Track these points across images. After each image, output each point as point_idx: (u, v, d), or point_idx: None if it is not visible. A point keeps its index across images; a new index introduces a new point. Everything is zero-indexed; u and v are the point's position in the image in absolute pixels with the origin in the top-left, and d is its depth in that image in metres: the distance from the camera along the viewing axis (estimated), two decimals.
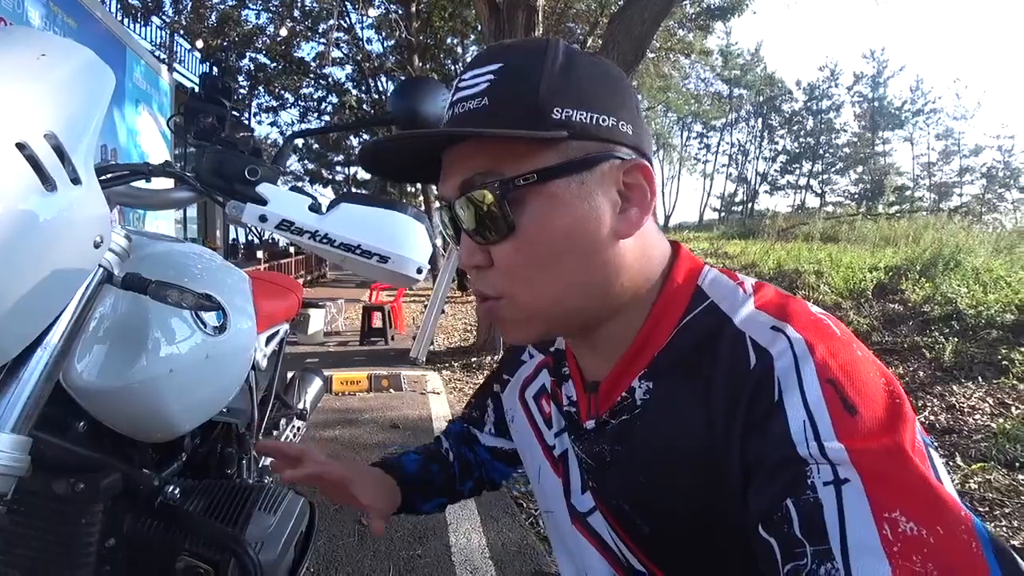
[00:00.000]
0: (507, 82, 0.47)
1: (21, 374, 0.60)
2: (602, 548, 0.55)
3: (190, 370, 0.92)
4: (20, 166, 0.53)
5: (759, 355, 0.43)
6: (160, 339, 0.87)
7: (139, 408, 0.84)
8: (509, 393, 0.72)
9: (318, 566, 1.89)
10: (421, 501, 0.79)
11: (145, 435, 0.90)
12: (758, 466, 0.41)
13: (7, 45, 0.59)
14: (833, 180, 39.22)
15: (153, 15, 10.56)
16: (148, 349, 0.84)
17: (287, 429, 2.09)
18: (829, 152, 38.29)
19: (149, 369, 0.83)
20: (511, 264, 0.48)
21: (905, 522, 0.33)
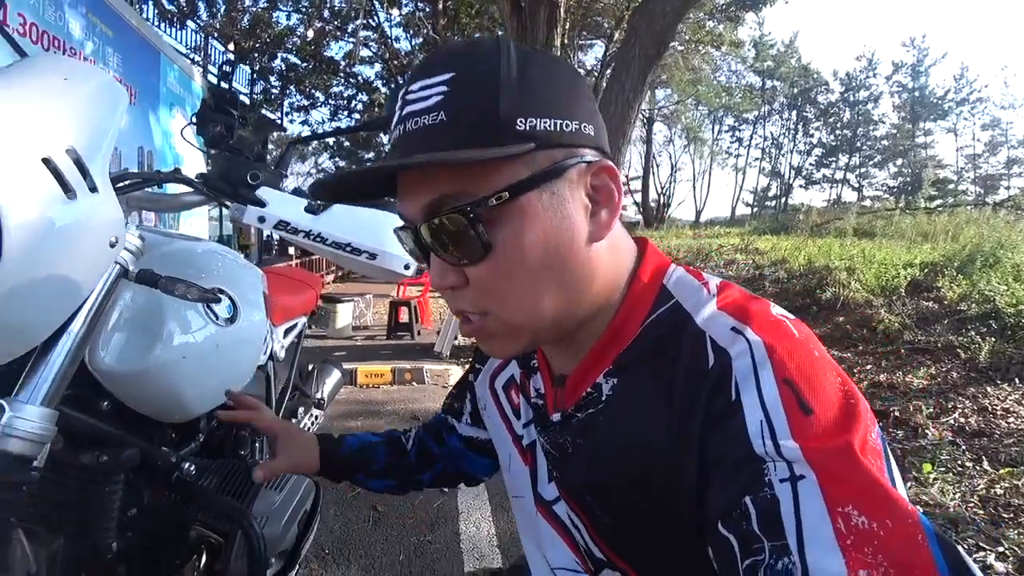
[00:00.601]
0: (464, 94, 0.44)
1: (49, 356, 0.69)
2: (565, 535, 0.57)
3: (202, 357, 1.00)
4: (45, 178, 0.62)
5: (718, 355, 0.44)
6: (174, 329, 0.96)
7: (156, 390, 0.93)
8: (480, 382, 0.74)
9: (333, 548, 1.99)
10: (363, 477, 0.87)
11: (162, 415, 0.99)
12: (717, 465, 0.41)
13: (35, 71, 0.68)
14: (871, 174, 37.75)
15: (188, 19, 10.95)
16: (163, 337, 0.93)
17: (305, 417, 2.20)
18: (867, 145, 36.80)
19: (164, 355, 0.92)
20: (489, 283, 0.47)
21: (857, 516, 0.34)
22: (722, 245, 9.47)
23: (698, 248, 9.55)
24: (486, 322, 0.49)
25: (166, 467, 0.98)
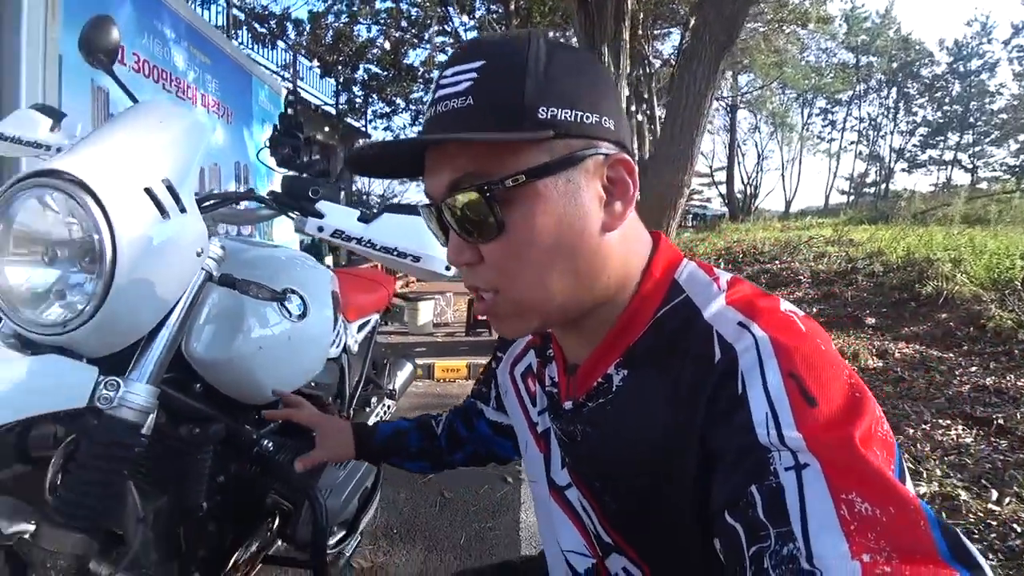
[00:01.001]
0: (491, 81, 0.47)
1: (152, 344, 0.85)
2: (575, 519, 0.59)
3: (276, 349, 1.15)
4: (147, 204, 0.78)
5: (724, 350, 0.45)
6: (253, 324, 1.11)
7: (238, 376, 1.09)
8: (501, 369, 0.77)
9: (400, 528, 2.15)
10: (398, 460, 0.95)
11: (245, 397, 1.16)
12: (722, 455, 0.42)
13: (138, 115, 0.85)
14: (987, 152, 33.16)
15: (278, 40, 11.83)
16: (244, 331, 1.08)
17: (378, 407, 2.37)
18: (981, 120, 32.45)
19: (244, 346, 1.07)
20: (501, 262, 0.49)
21: (860, 503, 0.34)
22: (812, 237, 8.88)
23: (786, 241, 9.01)
24: (497, 300, 0.51)
25: (248, 442, 1.15)
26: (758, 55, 14.59)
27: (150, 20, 2.99)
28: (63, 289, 0.77)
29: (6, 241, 0.76)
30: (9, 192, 0.75)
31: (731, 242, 9.94)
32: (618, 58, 5.99)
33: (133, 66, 2.83)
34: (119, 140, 0.80)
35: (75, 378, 0.75)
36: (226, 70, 3.89)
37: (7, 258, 0.76)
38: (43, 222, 0.76)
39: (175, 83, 3.23)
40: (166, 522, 0.99)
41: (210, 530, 1.09)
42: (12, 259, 0.77)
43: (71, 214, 0.75)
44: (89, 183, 0.73)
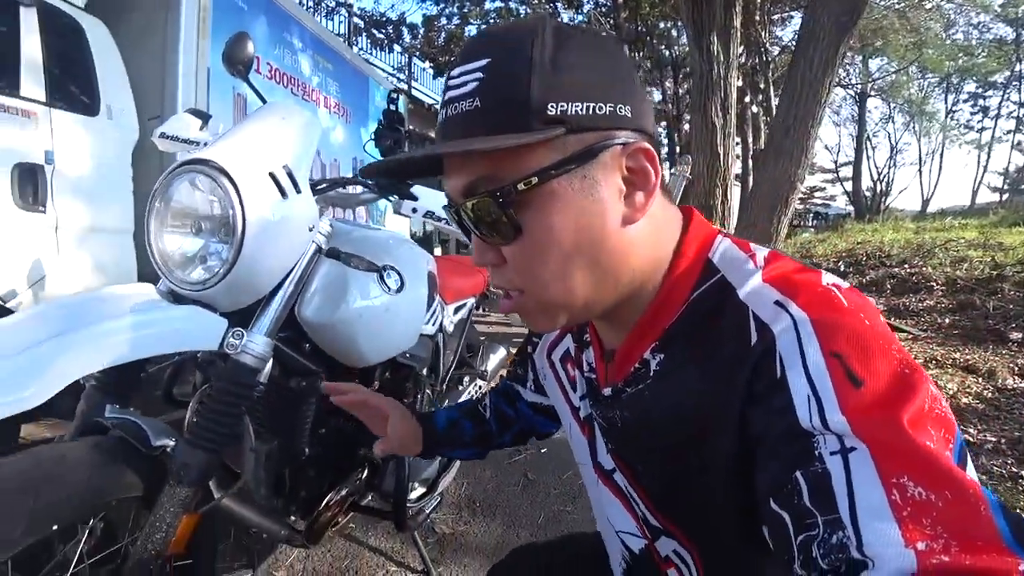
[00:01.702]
0: (496, 80, 0.45)
1: (271, 303, 1.01)
2: (625, 502, 0.59)
3: (374, 317, 1.28)
4: (269, 186, 0.94)
5: (761, 332, 0.43)
6: (356, 294, 1.23)
7: (340, 339, 1.23)
8: (539, 354, 0.77)
9: (483, 503, 2.26)
10: (455, 450, 0.93)
11: (345, 359, 1.30)
12: (763, 440, 0.41)
13: (265, 114, 1.02)
14: None
15: (395, 44, 12.58)
16: (347, 300, 1.21)
17: (469, 386, 2.51)
18: None
19: (346, 313, 1.20)
20: (522, 263, 0.48)
21: (913, 487, 0.32)
22: (951, 239, 7.90)
23: (918, 243, 8.09)
24: (522, 299, 0.50)
25: None
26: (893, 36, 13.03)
27: (280, 33, 3.37)
28: (205, 255, 0.95)
29: (166, 215, 0.95)
30: (169, 176, 0.94)
31: (854, 244, 9.10)
32: (728, 46, 5.73)
33: (267, 74, 3.21)
34: (250, 134, 0.96)
35: (210, 327, 0.93)
36: (346, 74, 4.27)
37: (167, 229, 0.95)
38: (193, 200, 0.94)
39: (301, 87, 3.61)
40: (275, 462, 1.16)
41: (310, 474, 1.25)
42: (169, 229, 0.95)
43: (213, 193, 0.92)
44: (227, 168, 0.90)
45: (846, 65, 16.10)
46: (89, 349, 0.79)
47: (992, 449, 2.68)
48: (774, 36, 14.53)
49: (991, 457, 2.60)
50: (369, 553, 1.78)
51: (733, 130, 6.04)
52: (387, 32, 12.80)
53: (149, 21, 2.57)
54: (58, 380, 0.73)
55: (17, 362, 0.72)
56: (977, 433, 2.86)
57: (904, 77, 19.02)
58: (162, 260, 0.95)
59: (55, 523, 0.78)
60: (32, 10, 2.13)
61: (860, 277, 7.26)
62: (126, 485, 0.88)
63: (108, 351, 0.80)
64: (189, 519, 0.93)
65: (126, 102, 2.47)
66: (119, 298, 0.91)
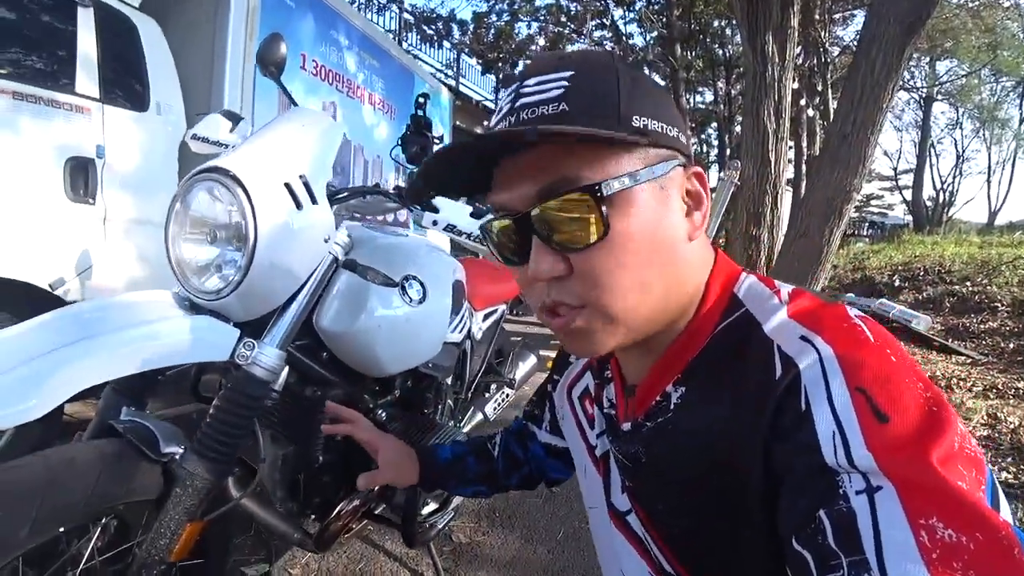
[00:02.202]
0: (586, 88, 0.46)
1: (284, 315, 1.00)
2: (638, 546, 0.57)
3: (394, 328, 1.27)
4: (285, 197, 0.92)
5: (785, 366, 0.42)
6: (376, 304, 1.23)
7: (358, 349, 1.22)
8: (559, 393, 0.75)
9: (503, 513, 2.24)
10: (455, 484, 0.92)
11: (363, 369, 1.29)
12: (786, 477, 0.40)
13: (285, 122, 1.01)
14: None
15: (444, 40, 12.67)
16: (366, 309, 1.20)
17: (496, 393, 2.48)
18: None
19: (365, 323, 1.19)
20: (597, 270, 0.46)
21: (943, 529, 0.31)
22: (1021, 256, 7.40)
23: (983, 259, 7.61)
24: (582, 315, 0.48)
25: (364, 409, 1.29)
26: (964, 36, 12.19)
27: (327, 30, 3.43)
28: (220, 263, 0.95)
29: (184, 222, 0.95)
30: (188, 183, 0.94)
31: (911, 257, 8.64)
32: (784, 47, 5.50)
33: (312, 71, 3.27)
34: (268, 142, 0.95)
35: (221, 337, 0.92)
36: (391, 71, 4.31)
37: (184, 236, 0.95)
38: (210, 208, 0.94)
39: (347, 84, 3.66)
40: (291, 467, 1.16)
41: (324, 480, 1.24)
42: (188, 237, 0.95)
43: (229, 203, 0.91)
44: (242, 178, 0.89)
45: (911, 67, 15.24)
46: (100, 359, 0.79)
47: None
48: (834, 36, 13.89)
49: None
50: (384, 557, 1.78)
51: (786, 135, 5.79)
52: (437, 28, 12.90)
53: (199, 19, 2.64)
54: (63, 391, 0.73)
55: (24, 372, 0.72)
56: None
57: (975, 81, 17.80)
58: (179, 267, 0.95)
59: (60, 525, 0.79)
60: (89, 10, 2.21)
61: (916, 293, 6.87)
62: (134, 489, 0.88)
63: (119, 362, 0.81)
64: (194, 526, 0.93)
65: (175, 98, 2.54)
66: (135, 306, 0.92)
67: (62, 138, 2.11)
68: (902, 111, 24.31)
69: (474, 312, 1.99)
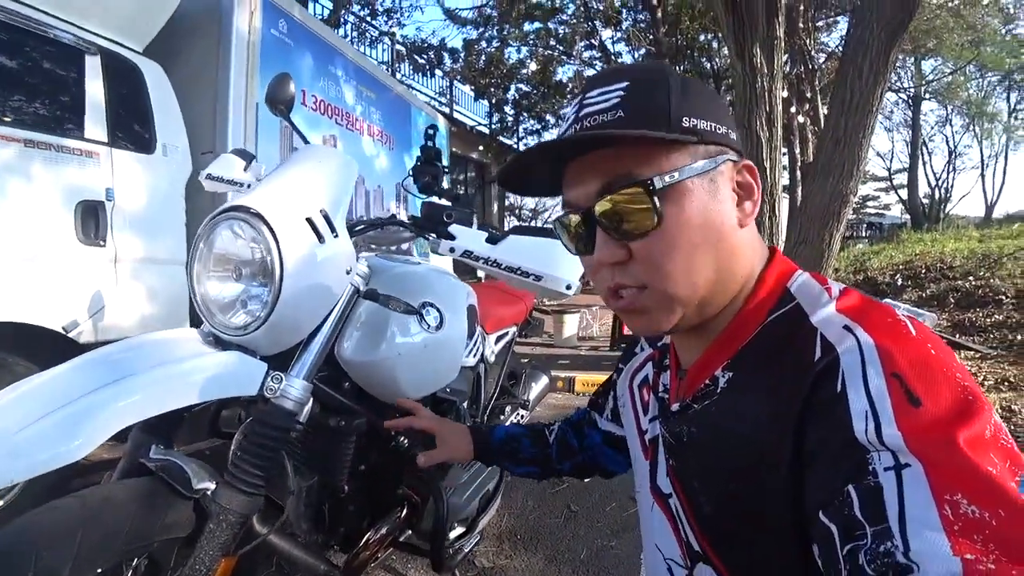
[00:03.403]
0: (640, 96, 0.52)
1: (309, 346, 1.02)
2: (674, 525, 0.60)
3: (413, 355, 1.28)
4: (307, 231, 0.95)
5: (825, 350, 0.45)
6: (395, 332, 1.25)
7: (379, 377, 1.23)
8: (622, 381, 0.80)
9: (524, 535, 2.22)
10: (510, 464, 0.99)
11: (386, 397, 1.29)
12: (817, 453, 0.42)
13: (302, 159, 1.03)
14: None
15: (436, 68, 12.87)
16: (386, 338, 1.22)
17: (511, 415, 2.48)
18: None
19: (386, 351, 1.21)
20: (655, 255, 0.51)
21: (967, 505, 0.33)
22: (1022, 247, 7.41)
23: (984, 253, 7.61)
24: (642, 296, 0.53)
25: (386, 437, 1.29)
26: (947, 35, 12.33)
27: (325, 66, 3.50)
28: (246, 299, 0.96)
29: (208, 260, 0.97)
30: (212, 222, 0.96)
31: (912, 255, 8.64)
32: (771, 57, 5.58)
33: (312, 106, 3.33)
34: (288, 180, 0.98)
35: (250, 372, 0.94)
36: (389, 102, 4.39)
37: (209, 274, 0.97)
38: (234, 246, 0.96)
39: (346, 117, 3.72)
40: (316, 498, 1.16)
41: (350, 510, 1.24)
42: (212, 274, 0.97)
43: (253, 240, 0.93)
44: (266, 216, 0.91)
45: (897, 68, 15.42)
46: (136, 399, 0.81)
47: None
48: (819, 43, 14.09)
49: None
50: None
51: (779, 143, 5.85)
52: (428, 58, 13.10)
53: (202, 61, 2.70)
54: (103, 431, 0.75)
55: (64, 414, 0.74)
56: None
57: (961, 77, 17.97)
58: (205, 305, 0.97)
59: (99, 566, 0.79)
60: (96, 57, 2.26)
61: (920, 291, 6.86)
62: (168, 527, 0.89)
63: (154, 401, 0.82)
64: (228, 562, 0.93)
65: (180, 139, 2.59)
66: (164, 344, 0.93)
67: (72, 182, 2.15)
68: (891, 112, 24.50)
69: (486, 336, 2.00)
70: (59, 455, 0.70)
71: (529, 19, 13.46)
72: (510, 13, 12.89)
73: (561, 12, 13.55)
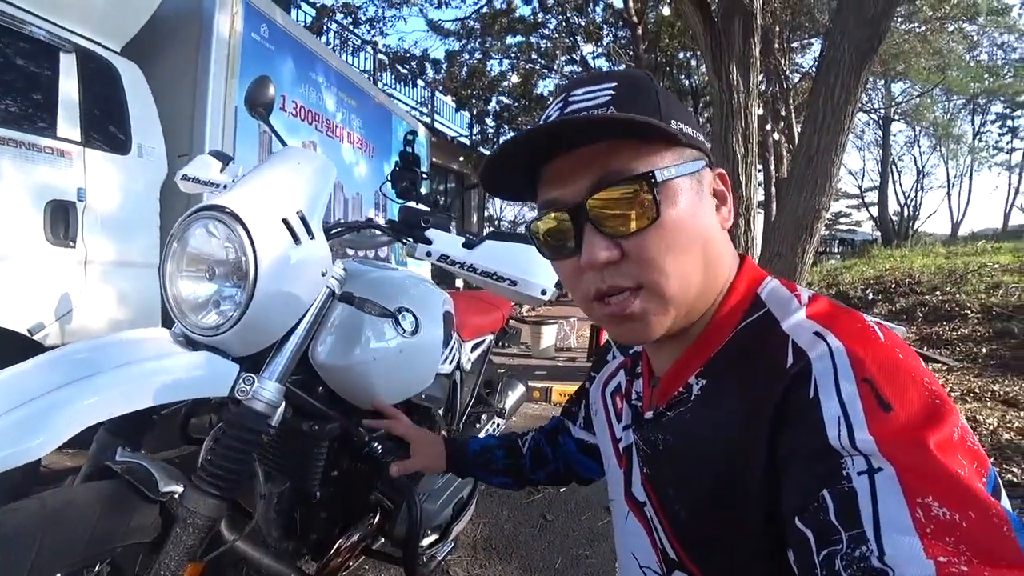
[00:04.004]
0: (630, 96, 0.51)
1: (283, 348, 1.01)
2: (649, 533, 0.60)
3: (388, 360, 1.27)
4: (283, 232, 0.94)
5: (797, 357, 0.45)
6: (370, 336, 1.24)
7: (354, 382, 1.23)
8: (594, 389, 0.80)
9: (499, 544, 2.20)
10: (484, 475, 0.99)
11: (359, 402, 1.29)
12: (792, 459, 0.42)
13: (280, 161, 1.03)
14: None
15: (418, 78, 12.90)
16: (361, 342, 1.22)
17: (487, 424, 2.47)
18: None
19: (361, 356, 1.21)
20: (650, 252, 0.50)
21: (938, 507, 0.33)
22: (985, 264, 7.67)
23: (950, 269, 7.86)
24: (637, 298, 0.51)
25: (360, 443, 1.28)
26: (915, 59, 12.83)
27: (306, 72, 3.48)
28: (218, 300, 0.95)
29: (181, 259, 0.96)
30: (186, 221, 0.95)
31: (882, 270, 8.88)
32: (748, 75, 5.72)
33: (292, 112, 3.31)
34: (265, 180, 0.98)
35: (221, 373, 0.92)
36: (369, 110, 4.38)
37: (182, 273, 0.96)
38: (208, 246, 0.95)
39: (326, 124, 3.70)
40: (287, 504, 1.15)
41: (321, 517, 1.23)
42: (185, 274, 0.96)
43: (228, 240, 0.92)
44: (241, 215, 0.90)
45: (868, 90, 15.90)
46: (101, 397, 0.79)
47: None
48: (794, 63, 14.51)
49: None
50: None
51: (755, 159, 5.98)
52: (411, 68, 13.11)
53: (180, 62, 2.67)
54: (66, 429, 0.73)
55: (26, 411, 0.72)
56: (1022, 473, 2.70)
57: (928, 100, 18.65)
58: (176, 304, 0.96)
59: (59, 570, 0.77)
60: (71, 55, 2.23)
61: (889, 305, 7.04)
62: (133, 531, 0.87)
63: (121, 400, 0.80)
64: (194, 568, 0.91)
65: (156, 140, 2.55)
66: (134, 343, 0.92)
67: (43, 181, 2.10)
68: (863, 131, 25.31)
69: (462, 343, 2.00)
70: (19, 453, 0.68)
71: (511, 32, 13.60)
72: (493, 26, 13.01)
73: (543, 27, 13.74)
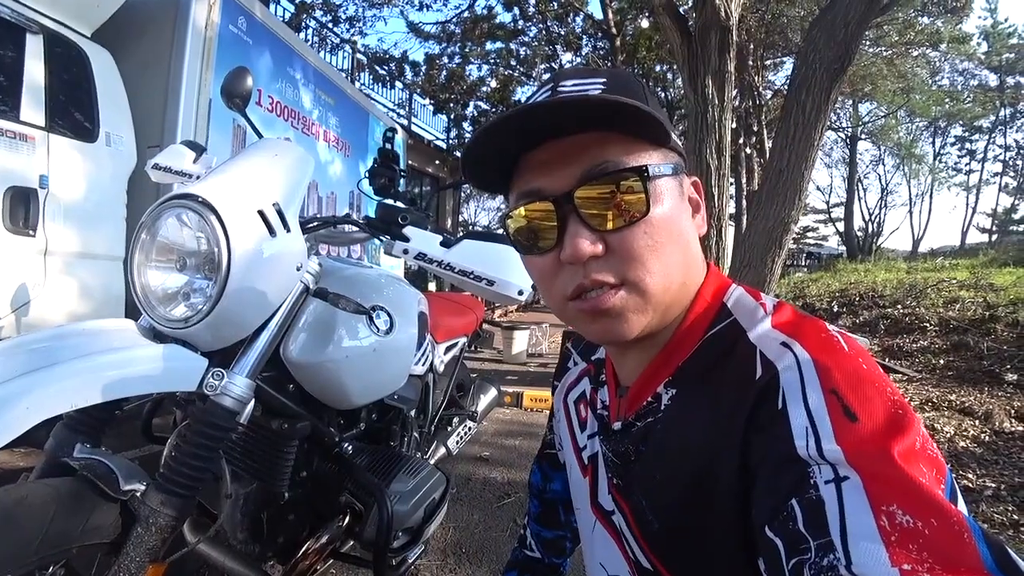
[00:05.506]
0: (620, 90, 0.49)
1: (254, 343, 0.98)
2: (620, 544, 0.59)
3: (362, 359, 1.25)
4: (258, 224, 0.92)
5: (766, 367, 0.46)
6: (343, 334, 1.22)
7: (326, 380, 1.20)
8: (557, 395, 0.79)
9: (469, 548, 2.19)
10: None
11: (331, 402, 1.27)
12: (761, 468, 0.42)
13: (257, 151, 1.01)
14: None
15: (397, 80, 12.82)
16: (334, 340, 1.19)
17: (459, 427, 2.45)
18: None
19: (333, 353, 1.18)
20: (636, 248, 0.49)
21: (902, 515, 0.34)
22: (943, 280, 7.97)
23: (911, 283, 8.14)
24: (619, 293, 0.50)
25: (330, 443, 1.26)
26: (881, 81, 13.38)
27: (283, 67, 3.43)
28: (188, 291, 0.92)
29: (151, 249, 0.93)
30: (157, 210, 0.92)
31: (847, 284, 9.15)
32: (723, 89, 5.85)
33: (268, 107, 3.25)
34: (241, 170, 0.95)
35: (189, 366, 0.89)
36: (346, 109, 4.33)
37: (151, 263, 0.93)
38: (179, 236, 0.92)
39: (302, 121, 3.65)
40: (253, 506, 1.11)
41: (289, 519, 1.20)
42: (154, 264, 0.93)
43: (200, 230, 0.90)
44: (215, 205, 0.88)
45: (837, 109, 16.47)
46: (61, 388, 0.75)
47: (992, 496, 2.62)
48: (767, 80, 14.92)
49: (992, 504, 2.54)
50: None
51: (728, 172, 6.11)
52: (389, 69, 13.03)
53: (155, 51, 2.60)
54: (23, 422, 0.69)
55: None
56: (976, 479, 2.81)
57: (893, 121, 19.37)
58: (144, 295, 0.92)
59: (8, 571, 0.73)
60: (38, 37, 2.15)
61: (854, 318, 7.25)
62: (91, 531, 0.83)
63: (82, 391, 0.77)
64: (155, 569, 0.87)
65: (125, 130, 2.47)
66: (97, 334, 0.88)
67: (2, 166, 2.02)
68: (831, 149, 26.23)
69: (436, 344, 1.99)
70: None
71: (492, 38, 13.66)
72: (473, 31, 13.05)
73: (523, 34, 13.84)
